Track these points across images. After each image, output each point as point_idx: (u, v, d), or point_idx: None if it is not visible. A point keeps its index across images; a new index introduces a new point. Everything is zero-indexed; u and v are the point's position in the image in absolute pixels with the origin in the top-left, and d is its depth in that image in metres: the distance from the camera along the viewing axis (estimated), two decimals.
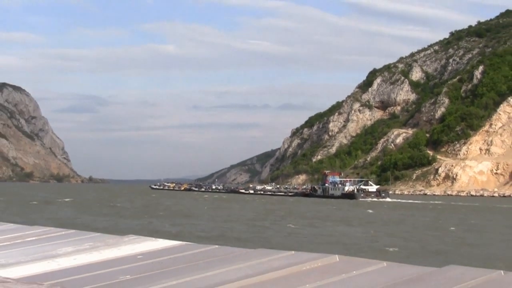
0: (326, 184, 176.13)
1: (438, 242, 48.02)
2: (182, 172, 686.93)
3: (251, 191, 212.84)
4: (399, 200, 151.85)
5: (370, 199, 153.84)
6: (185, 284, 6.66)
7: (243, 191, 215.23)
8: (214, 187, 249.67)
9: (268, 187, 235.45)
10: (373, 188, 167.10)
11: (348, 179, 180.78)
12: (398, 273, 6.54)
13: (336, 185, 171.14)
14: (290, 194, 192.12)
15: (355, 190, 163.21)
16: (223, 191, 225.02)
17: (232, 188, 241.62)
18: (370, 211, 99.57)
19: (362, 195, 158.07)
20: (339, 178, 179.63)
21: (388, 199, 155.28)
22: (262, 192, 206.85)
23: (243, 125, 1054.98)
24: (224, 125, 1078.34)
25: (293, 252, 7.65)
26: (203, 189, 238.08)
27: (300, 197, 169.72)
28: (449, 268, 6.69)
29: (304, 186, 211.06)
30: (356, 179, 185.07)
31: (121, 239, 9.86)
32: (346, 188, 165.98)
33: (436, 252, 41.18)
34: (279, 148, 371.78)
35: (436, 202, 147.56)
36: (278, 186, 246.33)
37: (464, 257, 36.68)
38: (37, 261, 8.68)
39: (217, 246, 8.67)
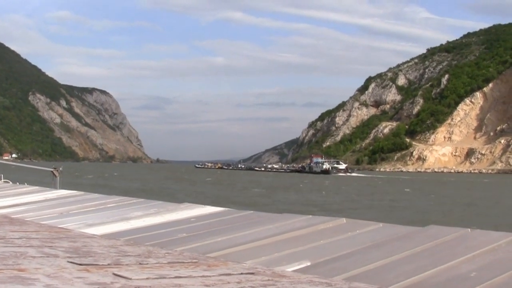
0: (311, 164, 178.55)
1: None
2: (228, 154, 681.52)
3: (263, 169, 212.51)
4: (360, 175, 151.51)
5: (340, 174, 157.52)
6: (228, 240, 6.56)
7: (257, 168, 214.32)
8: (239, 166, 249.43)
9: (276, 166, 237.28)
10: (342, 166, 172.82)
11: (326, 160, 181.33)
12: (391, 231, 6.45)
13: (318, 164, 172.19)
14: (288, 171, 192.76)
15: (330, 168, 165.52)
16: (244, 169, 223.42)
17: (251, 166, 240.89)
18: (336, 181, 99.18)
19: (334, 171, 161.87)
20: (321, 159, 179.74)
21: (353, 174, 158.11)
22: (270, 169, 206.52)
23: (275, 119, 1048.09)
24: (260, 119, 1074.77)
25: (310, 216, 7.54)
26: (230, 168, 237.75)
27: (295, 173, 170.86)
28: (430, 227, 6.56)
29: (299, 165, 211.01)
30: (331, 160, 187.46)
31: (178, 206, 9.78)
32: (324, 166, 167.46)
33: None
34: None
35: (387, 176, 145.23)
36: (282, 165, 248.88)
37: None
38: (115, 222, 8.60)
39: (251, 211, 8.55)
